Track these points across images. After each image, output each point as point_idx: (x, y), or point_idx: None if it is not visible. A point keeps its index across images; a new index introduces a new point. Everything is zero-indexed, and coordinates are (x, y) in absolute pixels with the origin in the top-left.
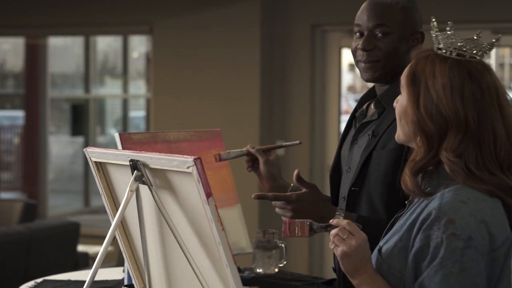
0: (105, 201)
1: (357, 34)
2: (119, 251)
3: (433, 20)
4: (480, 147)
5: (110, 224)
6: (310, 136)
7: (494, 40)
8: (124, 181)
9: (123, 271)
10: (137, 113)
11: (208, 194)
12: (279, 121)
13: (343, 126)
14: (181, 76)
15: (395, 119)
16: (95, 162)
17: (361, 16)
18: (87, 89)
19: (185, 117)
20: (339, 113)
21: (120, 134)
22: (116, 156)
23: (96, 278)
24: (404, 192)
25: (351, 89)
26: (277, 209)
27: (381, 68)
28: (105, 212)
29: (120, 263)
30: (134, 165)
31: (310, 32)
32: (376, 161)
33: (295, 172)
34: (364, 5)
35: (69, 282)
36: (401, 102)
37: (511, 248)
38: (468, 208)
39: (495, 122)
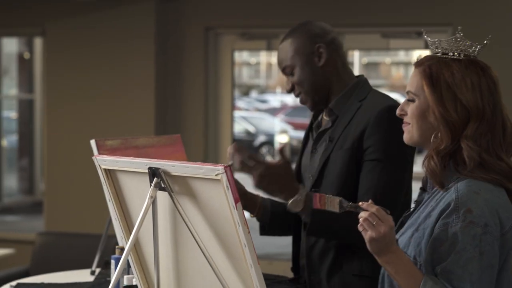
0: (113, 208)
1: None
2: (32, 254)
3: (424, 32)
4: (492, 134)
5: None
6: (204, 138)
7: (485, 42)
8: (136, 187)
9: (91, 273)
10: (8, 113)
11: (237, 200)
12: (174, 124)
13: (236, 126)
14: (73, 78)
15: (349, 122)
16: (105, 169)
17: None
18: None
19: (77, 119)
20: (232, 115)
21: (96, 141)
22: (131, 164)
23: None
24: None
25: None
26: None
27: (308, 98)
28: None
29: (34, 266)
30: (153, 172)
31: (204, 35)
32: (333, 162)
33: (281, 146)
34: None
35: (42, 285)
36: (416, 106)
37: None
38: (481, 198)
39: (503, 112)
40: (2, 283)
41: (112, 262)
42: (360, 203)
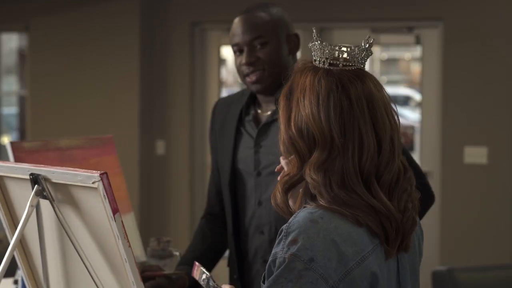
0: (1, 216)
1: (237, 53)
2: None
3: (314, 30)
4: (345, 162)
5: None
6: (190, 134)
7: (367, 46)
8: (23, 195)
9: (13, 282)
10: (9, 110)
11: (115, 210)
12: (159, 121)
13: None
14: (58, 74)
15: None
16: None
17: (236, 34)
18: None
19: (62, 115)
20: None
21: (11, 143)
22: (15, 170)
23: None
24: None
25: (224, 84)
26: None
27: (268, 78)
28: None
29: None
30: (35, 179)
31: (190, 30)
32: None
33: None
34: (235, 24)
35: None
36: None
37: (379, 284)
38: (317, 227)
39: (363, 135)
40: None
41: (18, 272)
42: (223, 285)
